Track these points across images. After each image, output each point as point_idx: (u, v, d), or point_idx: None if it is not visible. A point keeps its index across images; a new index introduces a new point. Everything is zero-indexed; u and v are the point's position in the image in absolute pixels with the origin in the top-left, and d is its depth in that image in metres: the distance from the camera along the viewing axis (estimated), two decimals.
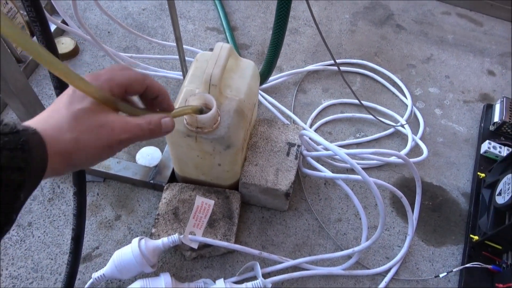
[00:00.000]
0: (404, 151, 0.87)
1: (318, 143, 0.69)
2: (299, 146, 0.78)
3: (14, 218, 0.29)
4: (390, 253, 0.76)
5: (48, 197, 0.79)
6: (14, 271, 0.70)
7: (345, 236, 0.78)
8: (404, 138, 0.93)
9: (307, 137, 0.74)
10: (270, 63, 0.76)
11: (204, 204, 0.73)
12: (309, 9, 0.66)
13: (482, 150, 0.89)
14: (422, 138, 0.93)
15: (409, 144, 0.88)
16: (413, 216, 0.75)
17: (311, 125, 0.93)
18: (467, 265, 0.72)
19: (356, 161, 0.81)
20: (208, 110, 0.59)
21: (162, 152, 0.84)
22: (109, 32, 1.08)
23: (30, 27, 1.02)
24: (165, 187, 0.76)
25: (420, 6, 1.25)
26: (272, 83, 0.99)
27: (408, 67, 1.09)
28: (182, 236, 0.68)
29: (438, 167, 0.90)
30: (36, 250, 0.73)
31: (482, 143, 0.90)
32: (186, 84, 0.69)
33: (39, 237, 0.74)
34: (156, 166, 0.81)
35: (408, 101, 0.99)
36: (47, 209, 0.77)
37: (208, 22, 1.13)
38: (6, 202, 0.27)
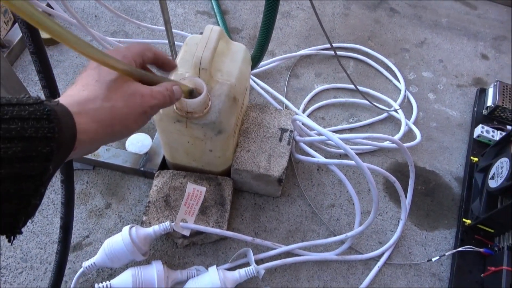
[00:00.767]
0: (397, 136, 0.86)
1: (311, 128, 0.68)
2: (292, 132, 0.76)
3: (43, 192, 0.27)
4: (383, 238, 0.76)
5: None
6: (3, 261, 0.69)
7: (338, 222, 0.78)
8: (397, 123, 0.92)
9: (300, 122, 0.73)
10: (262, 47, 0.74)
11: (196, 191, 0.71)
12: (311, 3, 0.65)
13: (475, 135, 0.89)
14: (415, 123, 0.93)
15: (402, 129, 0.87)
16: (406, 201, 0.74)
17: (304, 110, 0.92)
18: (460, 249, 0.72)
19: (349, 146, 0.80)
20: (198, 94, 0.57)
21: (153, 139, 0.82)
22: (96, 16, 1.05)
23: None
24: (156, 175, 0.74)
25: None
26: (264, 68, 0.98)
27: (402, 51, 1.08)
28: (174, 224, 0.67)
29: (431, 152, 0.89)
30: (25, 240, 0.71)
31: (475, 128, 0.90)
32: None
33: (28, 227, 0.73)
34: (147, 153, 0.80)
35: (402, 86, 0.98)
36: None
37: (198, 6, 1.10)
38: (35, 174, 0.26)
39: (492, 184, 0.73)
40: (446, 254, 0.73)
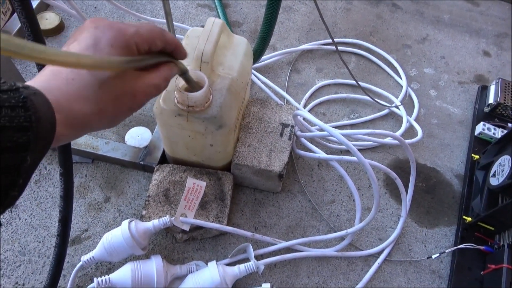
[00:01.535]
0: (399, 132, 0.86)
1: (313, 124, 0.68)
2: (293, 127, 0.76)
3: (21, 183, 0.26)
4: (383, 235, 0.76)
5: (35, 179, 0.76)
6: (1, 255, 0.68)
7: (338, 218, 0.77)
8: (399, 120, 0.92)
9: (301, 118, 0.72)
10: (264, 41, 0.74)
11: (196, 186, 0.71)
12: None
13: (477, 132, 0.88)
14: (417, 120, 0.92)
15: (404, 126, 0.87)
16: (407, 198, 0.74)
17: (305, 106, 0.91)
18: (460, 246, 0.72)
19: (351, 143, 0.80)
20: (200, 88, 0.57)
21: (152, 133, 0.82)
22: (96, 8, 1.03)
23: (11, 1, 0.97)
24: (156, 169, 0.74)
25: None
26: (266, 62, 0.97)
27: (404, 47, 1.07)
28: (173, 218, 0.66)
29: (432, 149, 0.89)
30: (23, 233, 0.71)
31: (477, 125, 0.90)
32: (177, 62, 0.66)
33: (26, 220, 0.72)
34: (146, 147, 0.79)
35: (403, 82, 0.97)
36: (34, 191, 0.75)
37: None
38: (11, 166, 0.25)
39: (493, 182, 0.73)
40: (446, 252, 0.73)
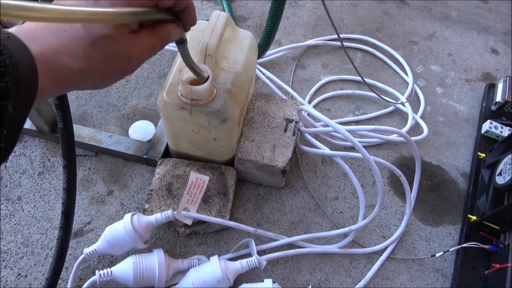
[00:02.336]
0: (404, 129, 0.85)
1: (317, 119, 0.67)
2: (297, 122, 0.75)
3: (6, 134, 0.24)
4: (387, 232, 0.76)
5: (38, 171, 0.76)
6: (4, 246, 0.68)
7: (342, 215, 0.77)
8: (404, 117, 0.91)
9: (306, 113, 0.71)
10: (269, 35, 0.73)
11: (199, 180, 0.71)
12: None
13: (483, 130, 0.87)
14: (423, 117, 0.91)
15: (409, 123, 0.86)
16: (411, 195, 0.73)
17: (310, 101, 0.91)
18: (464, 245, 0.71)
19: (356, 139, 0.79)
20: (204, 81, 0.56)
21: (156, 126, 0.81)
22: None
23: None
24: (159, 162, 0.73)
25: None
26: (271, 57, 0.96)
27: (410, 44, 1.06)
28: (176, 212, 0.66)
29: (438, 147, 0.88)
30: (26, 225, 0.71)
31: (483, 123, 0.89)
32: None
33: (29, 212, 0.72)
34: (150, 141, 0.79)
35: (409, 79, 0.96)
36: (37, 183, 0.75)
37: None
38: None
39: (500, 181, 0.72)
40: (450, 250, 0.72)
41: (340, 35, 1.03)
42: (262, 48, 0.77)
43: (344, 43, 1.02)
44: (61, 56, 0.28)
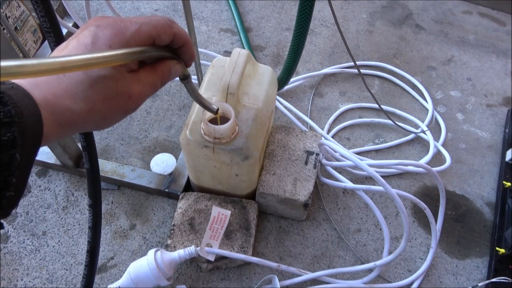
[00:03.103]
0: (426, 159, 0.84)
1: (341, 154, 0.67)
2: (318, 155, 0.75)
3: (16, 182, 0.25)
4: (412, 266, 0.74)
5: (62, 206, 0.78)
6: (29, 282, 0.69)
7: (365, 248, 0.76)
8: (425, 144, 0.90)
9: (327, 147, 0.71)
10: (289, 70, 0.74)
11: (221, 215, 0.71)
12: (331, 10, 0.64)
13: (508, 158, 0.86)
14: (444, 144, 0.90)
15: (431, 152, 0.85)
16: (437, 228, 0.72)
17: (329, 131, 0.91)
18: (493, 280, 0.69)
19: (377, 169, 0.78)
20: (227, 120, 0.57)
21: (177, 159, 0.82)
22: None
23: (42, 30, 1.01)
24: (180, 197, 0.74)
25: (440, 5, 1.21)
26: (288, 87, 0.97)
27: (428, 69, 1.05)
28: (199, 248, 0.66)
29: (461, 175, 0.87)
30: (51, 260, 0.72)
31: (508, 150, 0.87)
32: (203, 91, 0.67)
33: (54, 247, 0.73)
34: (171, 174, 0.79)
35: (429, 105, 0.95)
36: (62, 218, 0.76)
37: (222, 23, 1.11)
38: (0, 164, 0.23)
39: None
40: (479, 285, 0.70)
41: (357, 62, 1.04)
42: (282, 82, 0.77)
43: (361, 70, 1.03)
44: (63, 100, 0.29)
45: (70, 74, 0.29)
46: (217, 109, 0.49)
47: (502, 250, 0.72)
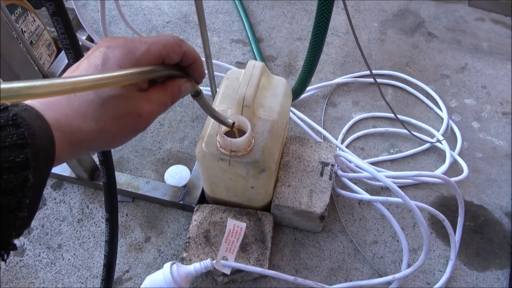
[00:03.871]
0: (443, 168, 0.83)
1: (358, 166, 0.66)
2: (333, 166, 0.74)
3: (29, 203, 0.25)
4: (431, 278, 0.73)
5: (77, 218, 0.78)
6: None
7: (382, 260, 0.74)
8: (441, 154, 0.89)
9: (344, 158, 0.71)
10: (304, 81, 0.73)
11: (236, 227, 0.70)
12: (348, 17, 0.63)
13: None
14: (460, 154, 0.89)
15: (447, 161, 0.84)
16: (455, 239, 0.71)
17: (343, 141, 0.90)
18: None
19: (393, 180, 0.77)
20: (243, 133, 0.57)
21: (191, 171, 0.82)
22: None
23: (57, 44, 1.02)
24: (195, 209, 0.74)
25: (452, 13, 1.20)
26: (301, 97, 0.96)
27: (442, 78, 1.04)
28: (215, 262, 0.66)
29: (478, 185, 0.85)
30: (67, 273, 0.72)
31: None
32: (217, 104, 0.67)
33: (69, 260, 0.73)
34: (185, 186, 0.79)
35: (444, 114, 0.94)
36: (77, 231, 0.76)
37: (233, 34, 1.11)
38: (14, 187, 0.24)
39: None
40: None
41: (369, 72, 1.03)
42: (297, 94, 0.77)
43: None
44: (74, 120, 0.29)
45: (81, 94, 0.30)
46: (233, 123, 0.49)
47: None
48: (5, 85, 0.21)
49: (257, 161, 0.61)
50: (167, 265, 0.65)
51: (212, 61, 1.01)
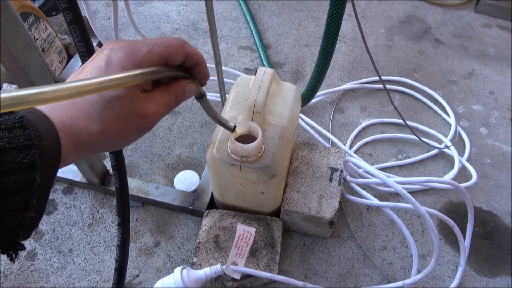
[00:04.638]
0: (451, 174, 0.83)
1: (368, 171, 0.66)
2: (342, 171, 0.75)
3: (36, 203, 0.25)
4: (441, 285, 0.72)
5: (88, 223, 0.78)
6: None
7: (392, 266, 0.74)
8: (449, 159, 0.89)
9: (353, 164, 0.71)
10: (314, 87, 0.74)
11: (246, 233, 0.71)
12: (358, 23, 0.64)
13: None
14: (469, 160, 0.89)
15: (456, 167, 0.84)
16: (465, 245, 0.71)
17: (351, 146, 0.90)
18: None
19: (402, 186, 0.77)
20: (253, 139, 0.57)
21: (200, 176, 0.83)
22: None
23: (68, 50, 1.04)
24: (205, 214, 0.74)
25: (459, 19, 1.21)
26: (309, 103, 0.97)
27: (449, 84, 1.05)
28: (225, 267, 0.66)
29: (487, 191, 0.85)
30: (77, 278, 0.72)
31: None
32: (228, 110, 0.67)
33: (80, 264, 0.74)
34: (195, 191, 0.80)
35: (452, 120, 0.94)
36: (87, 235, 0.77)
37: (241, 41, 1.12)
38: (21, 187, 0.24)
39: None
40: None
41: (377, 78, 1.04)
42: (306, 100, 0.78)
43: (381, 85, 1.03)
44: (78, 121, 0.29)
45: (85, 99, 0.30)
46: (234, 126, 0.49)
47: None
48: (14, 93, 0.22)
49: (268, 167, 0.61)
50: (178, 270, 0.65)
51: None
